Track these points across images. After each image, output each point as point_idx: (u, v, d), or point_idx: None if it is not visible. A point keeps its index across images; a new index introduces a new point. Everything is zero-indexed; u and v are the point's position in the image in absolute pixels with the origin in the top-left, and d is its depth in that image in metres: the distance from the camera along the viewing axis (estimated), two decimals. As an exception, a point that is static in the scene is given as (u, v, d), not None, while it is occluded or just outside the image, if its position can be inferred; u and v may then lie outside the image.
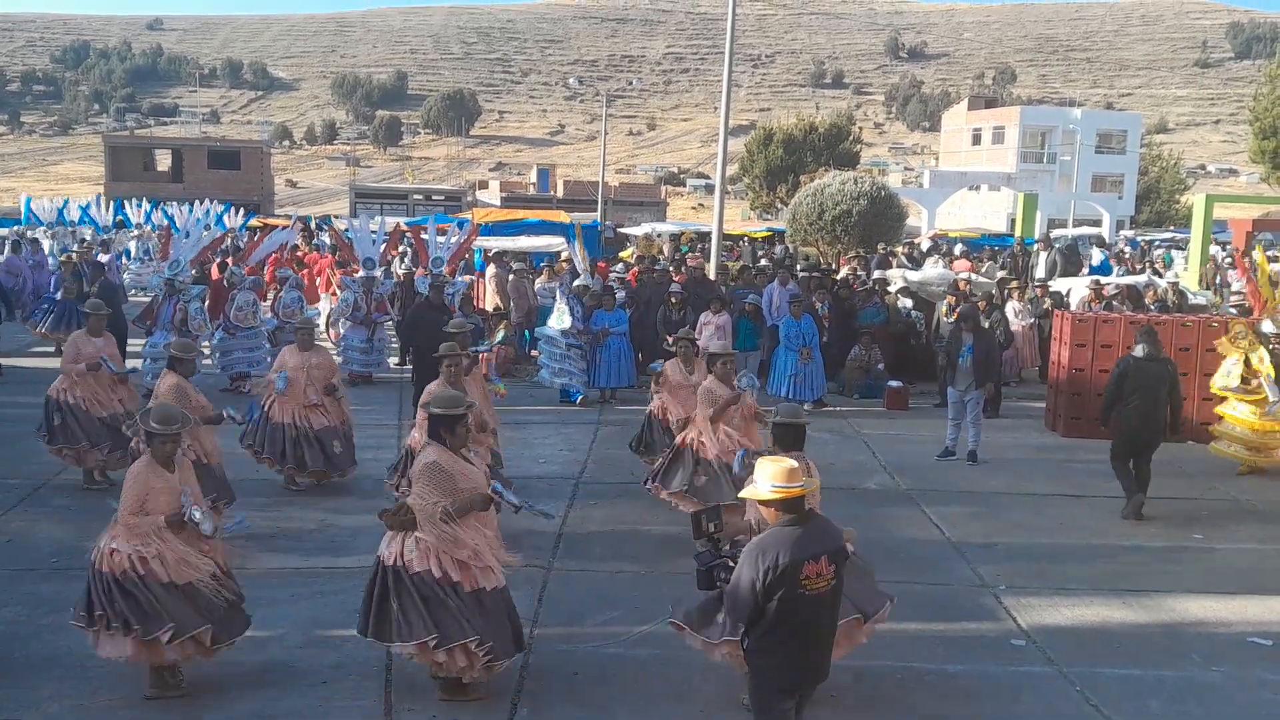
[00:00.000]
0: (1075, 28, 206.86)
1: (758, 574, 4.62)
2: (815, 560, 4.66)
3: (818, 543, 4.72)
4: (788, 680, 4.84)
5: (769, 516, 4.82)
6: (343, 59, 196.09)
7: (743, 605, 4.70)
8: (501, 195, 64.98)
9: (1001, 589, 8.28)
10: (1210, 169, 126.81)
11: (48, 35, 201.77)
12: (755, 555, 4.66)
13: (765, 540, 4.72)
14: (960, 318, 12.66)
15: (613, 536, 9.33)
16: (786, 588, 4.61)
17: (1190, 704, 6.51)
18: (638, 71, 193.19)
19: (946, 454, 12.24)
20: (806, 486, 4.80)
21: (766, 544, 4.68)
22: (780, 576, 4.59)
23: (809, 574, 4.64)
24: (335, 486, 10.36)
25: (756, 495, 4.82)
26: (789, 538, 4.67)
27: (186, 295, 15.08)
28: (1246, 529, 10.08)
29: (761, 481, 4.78)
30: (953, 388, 12.29)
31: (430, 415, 6.28)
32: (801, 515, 4.77)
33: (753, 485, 4.86)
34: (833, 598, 4.84)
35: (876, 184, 27.34)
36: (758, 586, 4.62)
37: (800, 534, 4.69)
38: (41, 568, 8.16)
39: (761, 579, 4.61)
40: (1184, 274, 23.62)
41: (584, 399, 15.02)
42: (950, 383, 12.36)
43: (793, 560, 4.61)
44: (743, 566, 4.72)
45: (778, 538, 4.69)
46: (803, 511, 4.78)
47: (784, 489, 4.72)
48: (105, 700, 6.10)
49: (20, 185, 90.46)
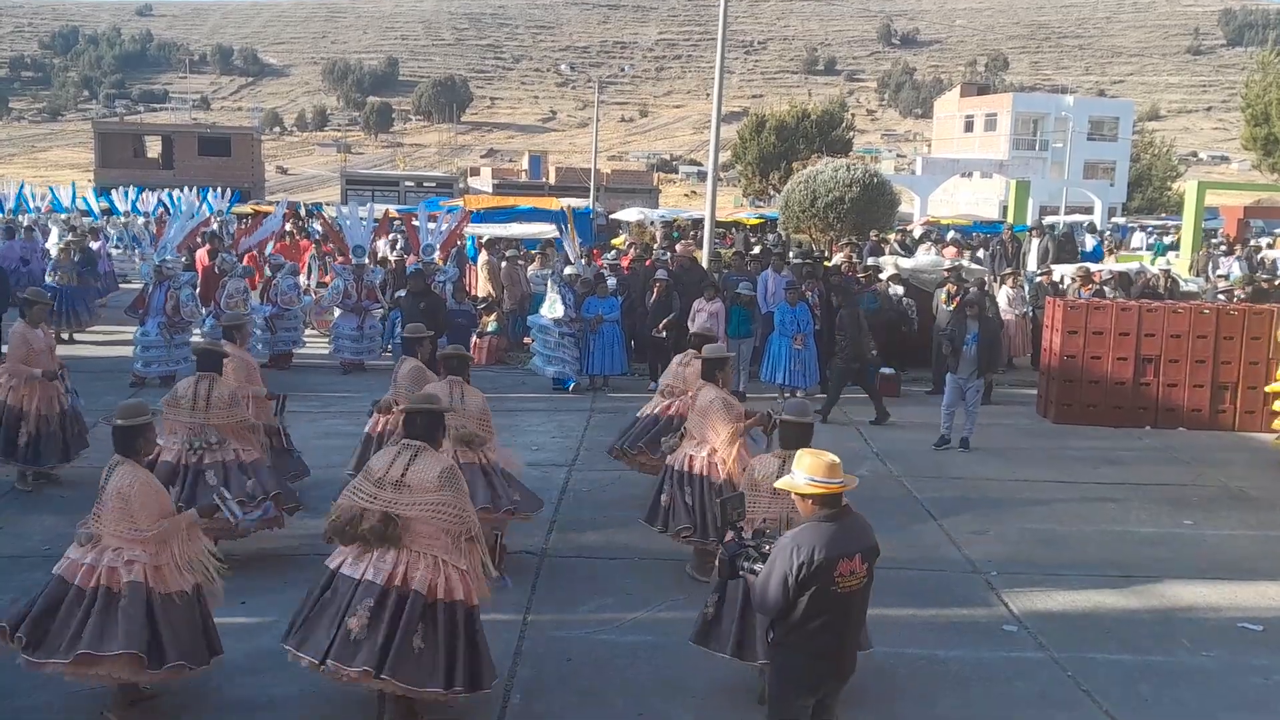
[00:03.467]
0: (1067, 14, 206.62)
1: (790, 568, 4.50)
2: (850, 558, 4.56)
3: (853, 540, 4.61)
4: (812, 675, 4.74)
5: (804, 510, 4.70)
6: (333, 45, 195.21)
7: (773, 599, 4.58)
8: (493, 182, 64.80)
9: (993, 575, 8.31)
10: (1202, 156, 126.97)
11: (36, 21, 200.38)
12: (790, 549, 4.54)
13: (800, 535, 4.59)
14: (965, 304, 12.67)
15: (605, 523, 9.33)
16: (819, 584, 4.50)
17: (1181, 689, 6.54)
18: (630, 58, 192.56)
19: (943, 442, 12.24)
20: (846, 483, 4.67)
21: (801, 539, 4.56)
22: (814, 573, 4.48)
23: (843, 571, 4.54)
24: (326, 475, 10.31)
25: (794, 487, 4.69)
26: (825, 534, 4.55)
27: (177, 282, 15.02)
28: (1237, 515, 10.12)
29: (799, 474, 4.66)
30: (954, 374, 12.29)
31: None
32: (838, 511, 4.65)
33: (790, 477, 4.74)
34: (863, 596, 4.74)
35: (869, 171, 27.26)
36: (790, 581, 4.50)
37: (836, 530, 4.57)
38: (32, 555, 8.14)
39: (795, 574, 4.49)
40: (1175, 260, 23.66)
41: (576, 386, 15.01)
42: (952, 369, 12.35)
43: (828, 557, 4.50)
44: (775, 560, 4.59)
45: (813, 533, 4.57)
46: (840, 507, 4.66)
47: (823, 484, 4.60)
48: (95, 689, 6.08)
49: (10, 172, 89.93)
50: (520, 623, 7.10)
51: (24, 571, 7.81)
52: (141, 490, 5.80)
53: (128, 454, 5.94)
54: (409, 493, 5.62)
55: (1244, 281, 18.40)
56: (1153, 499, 10.40)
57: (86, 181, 48.86)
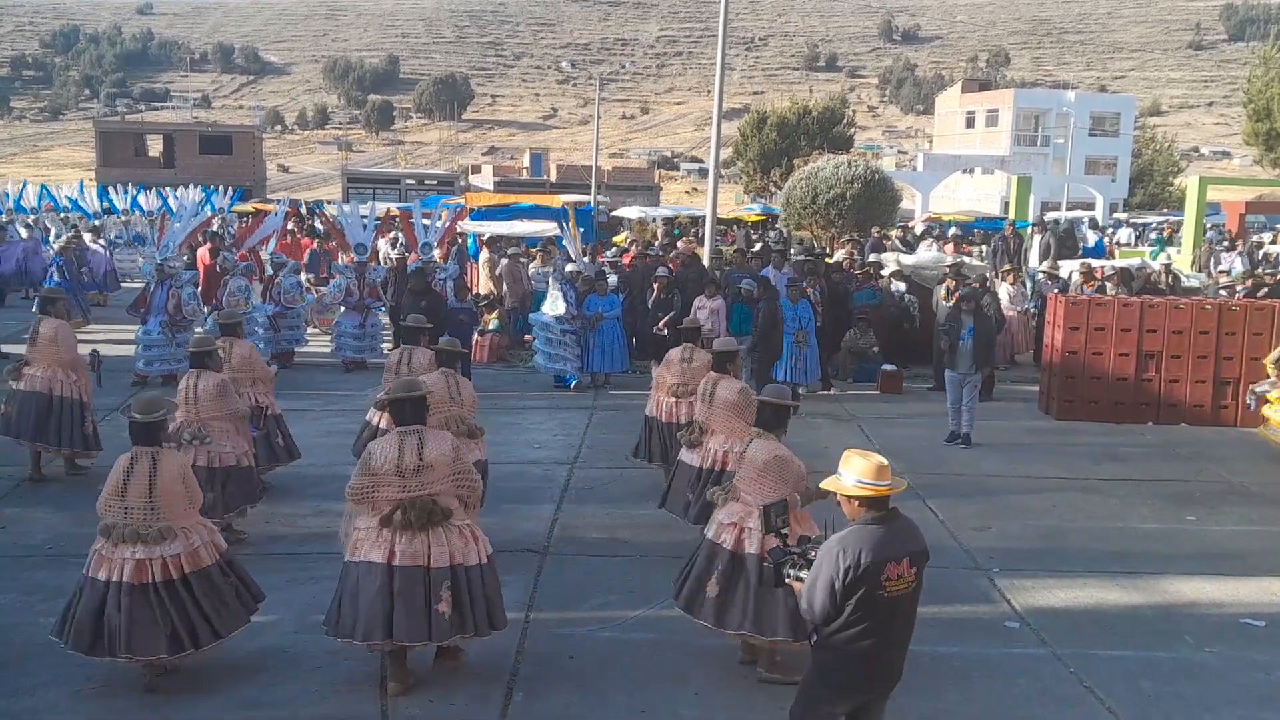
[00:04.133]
0: (1069, 10, 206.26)
1: (837, 572, 4.41)
2: (897, 561, 4.47)
3: (901, 543, 4.53)
4: (853, 681, 4.62)
5: (849, 512, 4.61)
6: (334, 43, 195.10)
7: (819, 605, 4.48)
8: (495, 179, 64.80)
9: (995, 571, 8.32)
10: (1204, 151, 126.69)
11: (37, 20, 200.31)
12: (836, 553, 4.44)
13: (847, 538, 4.49)
14: (961, 299, 12.68)
15: (607, 520, 9.34)
16: (867, 588, 4.42)
17: (1183, 685, 6.55)
18: (631, 55, 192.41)
19: (954, 438, 12.27)
20: (895, 485, 4.57)
21: (848, 542, 4.46)
22: (861, 576, 4.40)
23: (890, 575, 4.44)
24: (328, 473, 10.33)
25: (840, 488, 4.60)
26: (872, 536, 4.46)
27: (179, 281, 15.03)
28: (1239, 510, 10.12)
29: (847, 475, 4.57)
30: (952, 370, 12.30)
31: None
32: (886, 513, 4.56)
33: (836, 478, 4.65)
34: (912, 600, 4.63)
35: (870, 167, 27.28)
36: (836, 585, 4.41)
37: (883, 533, 4.49)
38: (35, 555, 8.16)
39: (841, 578, 4.40)
40: (1177, 256, 23.64)
41: (578, 384, 15.02)
42: (950, 365, 12.36)
43: (875, 560, 4.41)
44: (821, 564, 4.50)
45: (860, 536, 4.47)
46: (888, 510, 4.57)
47: (871, 486, 4.52)
48: (100, 686, 6.10)
49: (11, 171, 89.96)
50: (522, 620, 7.11)
51: (26, 571, 7.83)
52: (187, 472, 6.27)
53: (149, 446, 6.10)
54: (432, 472, 6.01)
55: (1245, 276, 18.40)
56: (1155, 495, 10.40)
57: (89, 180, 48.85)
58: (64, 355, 10.11)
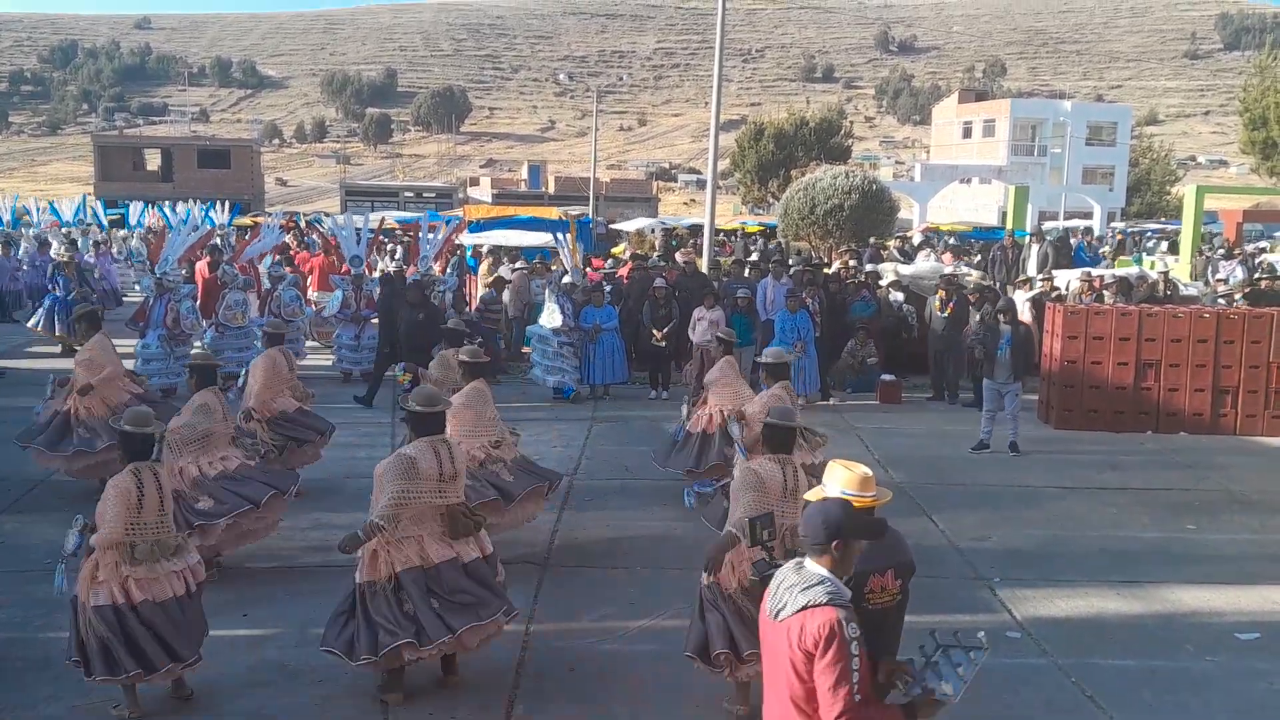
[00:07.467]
0: (1065, 20, 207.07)
1: None
2: (881, 574, 4.44)
3: (885, 555, 4.48)
4: None
5: None
6: (332, 56, 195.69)
7: None
8: (493, 192, 64.96)
9: (996, 581, 8.30)
10: (1200, 160, 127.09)
11: (35, 35, 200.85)
12: None
13: None
14: (998, 310, 12.73)
15: (608, 532, 9.32)
16: (850, 600, 4.32)
17: (1184, 694, 6.53)
18: (628, 67, 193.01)
19: (981, 446, 12.31)
20: (880, 497, 4.48)
21: None
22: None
23: (873, 587, 4.41)
24: (327, 486, 10.33)
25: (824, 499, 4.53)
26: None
27: (177, 295, 15.04)
28: (1239, 519, 10.10)
29: (831, 485, 4.50)
30: (990, 380, 12.35)
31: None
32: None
33: (821, 487, 4.57)
34: (898, 612, 4.58)
35: (868, 178, 27.36)
36: None
37: (868, 545, 4.37)
38: (35, 569, 8.13)
39: None
40: (1175, 265, 23.67)
41: (576, 395, 15.03)
42: (988, 375, 12.39)
43: (859, 572, 4.32)
44: None
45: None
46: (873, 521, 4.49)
47: (856, 498, 4.41)
48: (100, 701, 6.08)
49: (9, 186, 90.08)
50: (523, 633, 7.09)
51: (26, 585, 7.80)
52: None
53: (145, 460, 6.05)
54: (460, 478, 6.44)
55: (1243, 285, 18.42)
56: (1155, 504, 10.39)
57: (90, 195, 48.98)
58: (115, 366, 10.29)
